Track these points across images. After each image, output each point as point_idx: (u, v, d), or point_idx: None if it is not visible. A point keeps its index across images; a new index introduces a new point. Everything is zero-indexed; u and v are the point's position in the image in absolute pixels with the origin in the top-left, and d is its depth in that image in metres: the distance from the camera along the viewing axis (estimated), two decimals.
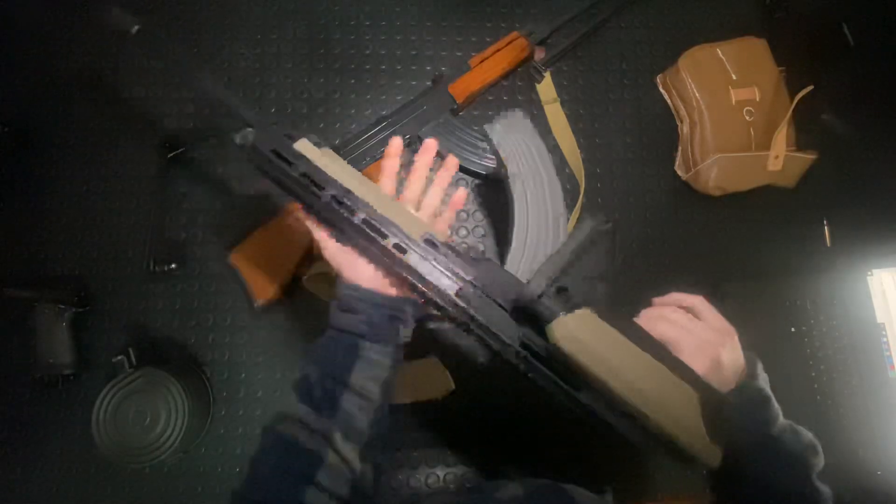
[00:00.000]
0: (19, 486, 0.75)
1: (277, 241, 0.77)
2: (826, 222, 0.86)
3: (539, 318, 0.41)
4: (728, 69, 0.85)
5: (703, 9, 0.91)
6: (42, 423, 0.76)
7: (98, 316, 0.78)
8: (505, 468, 0.77)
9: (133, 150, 0.83)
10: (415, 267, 0.45)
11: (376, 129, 0.79)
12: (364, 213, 0.46)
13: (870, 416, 0.76)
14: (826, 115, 0.87)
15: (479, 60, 0.83)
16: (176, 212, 0.82)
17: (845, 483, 0.75)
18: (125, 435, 0.68)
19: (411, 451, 0.77)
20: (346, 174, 0.49)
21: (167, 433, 0.69)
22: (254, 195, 0.82)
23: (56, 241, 0.81)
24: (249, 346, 0.79)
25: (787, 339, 0.79)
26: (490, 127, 0.75)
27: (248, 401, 0.78)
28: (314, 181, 0.47)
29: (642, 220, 0.85)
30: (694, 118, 0.84)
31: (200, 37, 0.87)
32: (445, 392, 0.76)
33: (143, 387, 0.70)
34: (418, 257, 0.46)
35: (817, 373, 0.78)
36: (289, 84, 0.86)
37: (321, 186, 0.47)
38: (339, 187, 0.47)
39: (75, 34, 0.86)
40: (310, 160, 0.48)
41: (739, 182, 0.83)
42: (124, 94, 0.85)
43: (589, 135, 0.87)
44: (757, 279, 0.82)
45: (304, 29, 0.88)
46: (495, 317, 0.44)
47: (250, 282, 0.76)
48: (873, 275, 0.79)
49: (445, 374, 0.76)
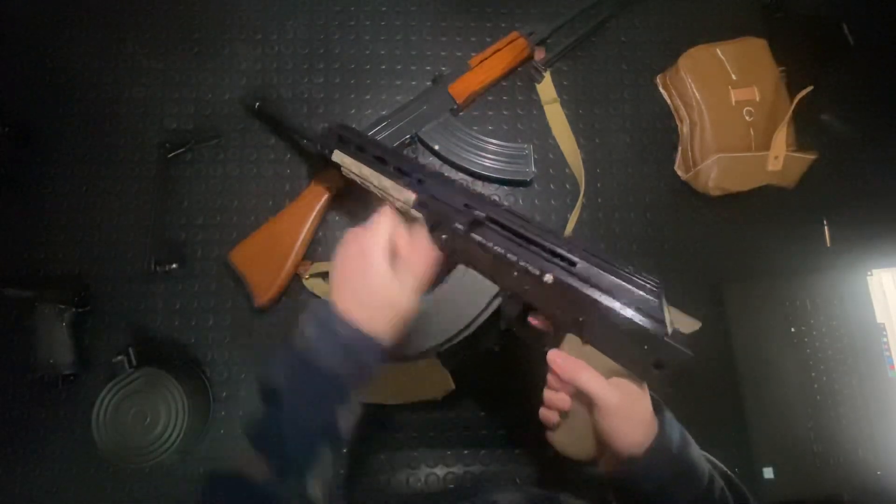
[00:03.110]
0: (19, 486, 0.75)
1: (277, 241, 0.77)
2: (826, 222, 0.86)
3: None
4: (728, 69, 0.85)
5: (703, 9, 0.91)
6: (42, 423, 0.76)
7: (98, 316, 0.78)
8: (505, 468, 0.77)
9: (133, 150, 0.83)
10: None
11: (376, 129, 0.79)
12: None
13: (870, 416, 0.76)
14: (826, 115, 0.87)
15: (479, 60, 0.83)
16: (176, 212, 0.82)
17: (845, 483, 0.75)
18: (125, 435, 0.68)
19: (411, 451, 0.77)
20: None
21: (167, 433, 0.69)
22: (254, 195, 0.83)
23: (56, 241, 0.81)
24: (249, 346, 0.79)
25: (787, 339, 0.79)
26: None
27: (248, 401, 0.78)
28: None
29: (642, 220, 0.85)
30: (694, 118, 0.84)
31: (200, 37, 0.87)
32: (445, 392, 0.76)
33: (143, 387, 0.70)
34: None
35: (817, 373, 0.78)
36: (289, 84, 0.86)
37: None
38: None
39: (75, 34, 0.86)
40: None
41: (739, 182, 0.83)
42: (124, 94, 0.85)
43: (589, 135, 0.87)
44: (757, 279, 0.82)
45: (304, 29, 0.88)
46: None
47: (250, 282, 0.76)
48: (873, 275, 0.79)
49: (445, 375, 0.75)
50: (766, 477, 0.75)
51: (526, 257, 0.50)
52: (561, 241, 0.50)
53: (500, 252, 0.51)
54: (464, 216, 0.53)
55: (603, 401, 0.45)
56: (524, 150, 0.82)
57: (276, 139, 0.84)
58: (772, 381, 0.78)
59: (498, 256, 0.51)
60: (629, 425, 0.45)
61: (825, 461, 0.75)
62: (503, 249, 0.51)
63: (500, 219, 0.52)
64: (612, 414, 0.45)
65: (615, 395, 0.45)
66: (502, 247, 0.51)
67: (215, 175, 0.83)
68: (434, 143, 0.81)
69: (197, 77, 0.86)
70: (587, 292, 0.47)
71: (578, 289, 0.47)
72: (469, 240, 0.52)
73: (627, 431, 0.45)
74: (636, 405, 0.46)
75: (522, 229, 0.51)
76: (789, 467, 0.75)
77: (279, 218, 0.78)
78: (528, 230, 0.51)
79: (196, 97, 0.85)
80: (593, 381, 0.45)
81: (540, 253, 0.50)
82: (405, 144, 0.81)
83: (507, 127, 0.86)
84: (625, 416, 0.45)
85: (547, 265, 0.49)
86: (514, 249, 0.50)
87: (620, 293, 0.46)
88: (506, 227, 0.52)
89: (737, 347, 0.80)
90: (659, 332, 0.44)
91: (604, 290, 0.47)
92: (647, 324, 0.45)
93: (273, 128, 0.84)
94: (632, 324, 0.45)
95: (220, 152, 0.84)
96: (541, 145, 0.86)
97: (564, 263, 0.49)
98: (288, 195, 0.82)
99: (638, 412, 0.46)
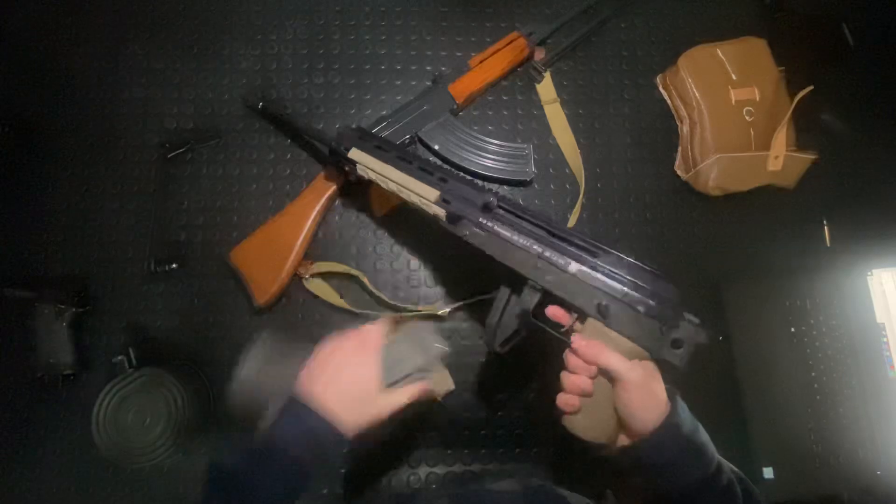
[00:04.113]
0: (19, 486, 0.75)
1: (277, 241, 0.77)
2: (826, 222, 0.86)
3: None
4: (728, 69, 0.85)
5: (703, 9, 0.91)
6: (42, 423, 0.76)
7: (98, 316, 0.78)
8: (505, 468, 0.77)
9: (133, 150, 0.83)
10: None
11: (376, 129, 0.79)
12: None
13: (870, 416, 0.76)
14: (826, 115, 0.87)
15: (479, 60, 0.83)
16: (176, 212, 0.82)
17: (845, 483, 0.75)
18: (125, 435, 0.68)
19: (411, 451, 0.77)
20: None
21: (167, 433, 0.69)
22: (254, 195, 0.83)
23: (56, 241, 0.81)
24: (249, 346, 0.79)
25: (787, 339, 0.79)
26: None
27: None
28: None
29: (642, 220, 0.85)
30: (694, 118, 0.84)
31: (200, 37, 0.87)
32: (445, 392, 0.76)
33: (143, 387, 0.70)
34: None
35: (817, 373, 0.78)
36: (289, 84, 0.86)
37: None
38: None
39: (75, 34, 0.86)
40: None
41: (739, 182, 0.83)
42: (124, 94, 0.85)
43: (589, 135, 0.87)
44: (757, 279, 0.82)
45: (304, 29, 0.88)
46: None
47: (250, 282, 0.76)
48: (873, 275, 0.79)
49: (445, 374, 0.76)
50: (766, 477, 0.75)
51: (550, 249, 0.54)
52: (580, 234, 0.55)
53: (524, 244, 0.55)
54: (486, 212, 0.58)
55: (627, 376, 0.48)
56: (524, 150, 0.82)
57: (276, 139, 0.84)
58: (772, 381, 0.78)
59: (522, 248, 0.55)
60: (649, 400, 0.48)
61: (825, 461, 0.75)
62: (528, 242, 0.55)
63: (523, 214, 0.57)
64: (635, 388, 0.48)
65: (637, 372, 0.48)
66: (526, 239, 0.56)
67: (215, 175, 0.83)
68: (434, 142, 0.81)
69: (197, 77, 0.86)
70: (609, 281, 0.52)
71: (601, 277, 0.52)
72: (493, 233, 0.57)
73: (646, 406, 0.48)
74: (654, 383, 0.49)
75: (546, 224, 0.56)
76: (789, 467, 0.75)
77: (279, 218, 0.78)
78: (552, 225, 0.56)
79: (196, 97, 0.85)
80: (616, 360, 0.49)
81: (563, 246, 0.54)
82: (405, 144, 0.81)
83: (507, 127, 0.86)
84: (646, 391, 0.48)
85: (570, 258, 0.54)
86: (537, 241, 0.55)
87: (638, 281, 0.51)
88: (528, 221, 0.57)
89: (737, 347, 0.80)
90: (673, 315, 0.49)
91: (623, 279, 0.52)
92: (664, 307, 0.50)
93: (277, 127, 0.84)
94: (650, 308, 0.50)
95: (220, 152, 0.84)
96: (541, 145, 0.86)
97: (587, 255, 0.53)
98: (288, 195, 0.82)
99: (656, 390, 0.49)
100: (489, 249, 0.57)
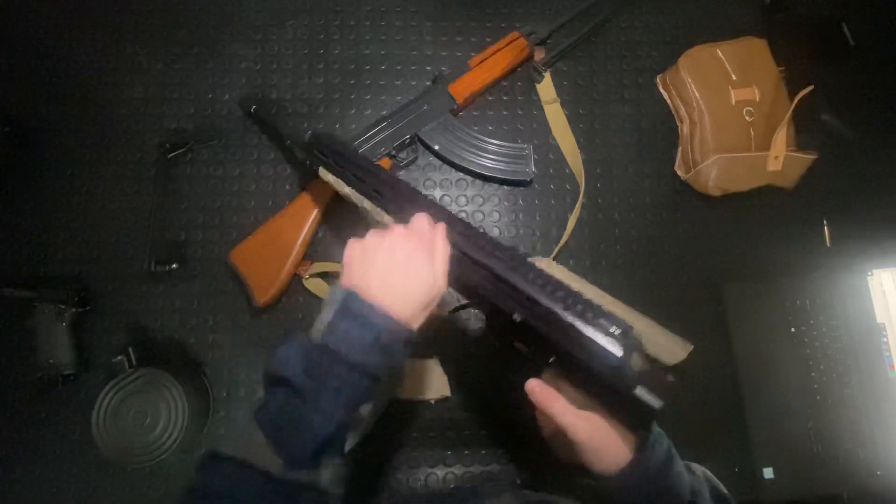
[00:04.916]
0: (19, 486, 0.75)
1: (277, 241, 0.77)
2: (826, 222, 0.86)
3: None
4: (728, 69, 0.85)
5: (703, 9, 0.91)
6: (42, 423, 0.76)
7: (98, 316, 0.78)
8: (505, 468, 0.77)
9: (133, 150, 0.83)
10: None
11: (376, 129, 0.79)
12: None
13: (870, 416, 0.76)
14: (826, 115, 0.87)
15: (479, 60, 0.83)
16: (176, 212, 0.82)
17: (845, 483, 0.75)
18: (125, 435, 0.68)
19: (411, 451, 0.77)
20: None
21: (167, 433, 0.69)
22: (254, 195, 0.83)
23: (56, 241, 0.81)
24: (249, 346, 0.79)
25: (787, 340, 0.79)
26: None
27: (248, 401, 0.78)
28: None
29: (642, 220, 0.85)
30: (694, 118, 0.84)
31: (200, 37, 0.87)
32: (440, 397, 0.76)
33: (143, 387, 0.70)
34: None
35: (817, 373, 0.78)
36: (289, 84, 0.86)
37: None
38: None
39: (75, 34, 0.86)
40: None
41: (739, 182, 0.83)
42: (124, 94, 0.85)
43: (589, 135, 0.87)
44: (757, 279, 0.82)
45: (304, 29, 0.88)
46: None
47: (250, 282, 0.76)
48: (873, 275, 0.79)
49: (443, 379, 0.76)
50: (766, 477, 0.75)
51: (498, 294, 0.48)
52: (533, 276, 0.47)
53: (472, 284, 0.50)
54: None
55: (572, 436, 0.45)
56: (524, 150, 0.82)
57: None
58: (772, 381, 0.78)
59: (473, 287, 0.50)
60: (601, 454, 0.45)
61: (825, 461, 0.75)
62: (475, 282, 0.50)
63: (470, 245, 0.51)
64: (583, 449, 0.45)
65: (584, 431, 0.45)
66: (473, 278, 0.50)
67: (215, 175, 0.83)
68: (434, 143, 0.81)
69: (197, 77, 0.86)
70: (554, 338, 0.45)
71: (545, 334, 0.46)
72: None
73: (600, 458, 0.45)
74: (607, 437, 0.46)
75: (496, 259, 0.49)
76: (789, 467, 0.75)
77: (279, 218, 0.78)
78: (499, 263, 0.48)
79: (196, 97, 0.85)
80: (565, 415, 0.45)
81: (510, 293, 0.47)
82: (405, 144, 0.81)
83: (507, 127, 0.86)
84: (595, 447, 0.45)
85: (516, 305, 0.47)
86: (486, 284, 0.49)
87: (589, 342, 0.44)
88: (475, 254, 0.50)
89: (737, 347, 0.80)
90: (628, 379, 0.42)
91: (572, 337, 0.45)
92: (617, 367, 0.43)
93: (266, 133, 0.84)
94: (601, 370, 0.43)
95: (220, 152, 0.84)
96: (541, 145, 0.86)
97: (531, 304, 0.46)
98: (288, 195, 0.82)
99: (609, 444, 0.46)
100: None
